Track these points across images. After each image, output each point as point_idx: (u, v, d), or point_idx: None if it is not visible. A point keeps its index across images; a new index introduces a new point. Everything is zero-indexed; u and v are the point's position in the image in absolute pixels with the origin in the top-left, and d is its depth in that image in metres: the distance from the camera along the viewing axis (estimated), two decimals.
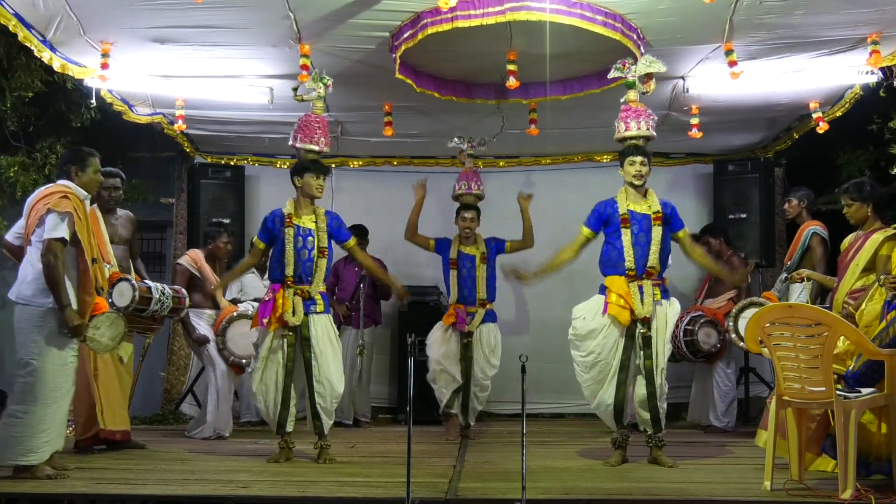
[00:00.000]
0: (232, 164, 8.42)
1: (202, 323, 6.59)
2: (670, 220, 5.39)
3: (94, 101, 6.35)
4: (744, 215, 7.86)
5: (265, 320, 5.40)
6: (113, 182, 5.90)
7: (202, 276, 6.63)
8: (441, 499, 4.30)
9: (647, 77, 5.36)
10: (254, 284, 7.34)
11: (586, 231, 5.46)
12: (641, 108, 5.38)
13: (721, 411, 7.02)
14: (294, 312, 5.39)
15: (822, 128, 6.72)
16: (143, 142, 8.18)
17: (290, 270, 5.42)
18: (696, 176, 8.46)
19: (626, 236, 5.28)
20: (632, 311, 5.21)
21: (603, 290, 5.35)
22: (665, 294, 5.33)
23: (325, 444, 5.52)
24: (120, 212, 6.06)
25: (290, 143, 5.60)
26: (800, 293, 6.22)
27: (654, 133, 5.41)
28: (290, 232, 5.44)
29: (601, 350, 5.30)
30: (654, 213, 5.30)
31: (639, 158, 5.28)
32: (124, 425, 5.86)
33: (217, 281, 6.65)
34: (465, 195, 6.85)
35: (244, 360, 6.46)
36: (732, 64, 5.56)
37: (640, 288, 5.23)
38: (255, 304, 6.78)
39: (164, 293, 5.85)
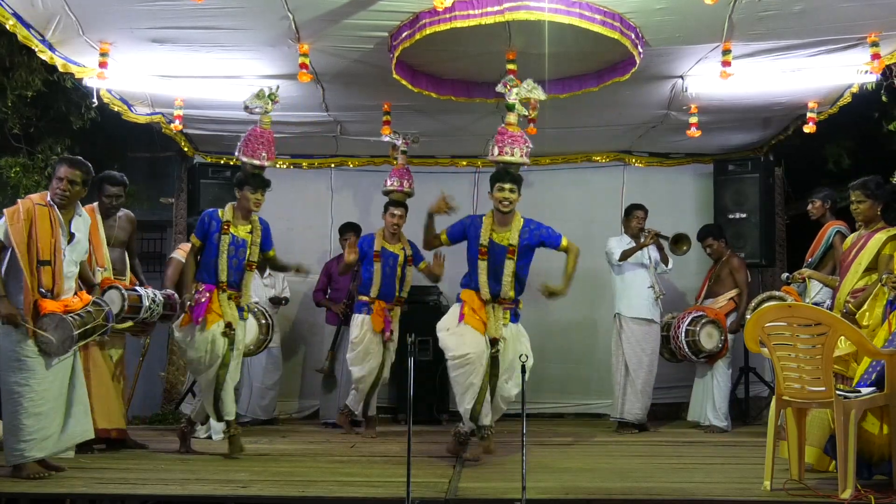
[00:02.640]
0: (232, 163, 8.40)
1: None
2: (539, 246, 5.44)
3: (95, 101, 6.35)
4: (744, 215, 7.85)
5: (200, 319, 5.50)
6: (116, 190, 6.00)
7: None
8: (441, 499, 4.30)
9: (532, 102, 5.39)
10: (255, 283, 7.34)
11: (444, 236, 5.61)
12: (518, 133, 5.41)
13: (722, 411, 7.01)
14: (232, 314, 5.58)
15: (810, 128, 6.72)
16: (143, 142, 8.19)
17: (223, 276, 5.56)
18: (696, 176, 8.46)
19: (482, 266, 5.38)
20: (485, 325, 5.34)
21: (458, 299, 5.47)
22: (514, 318, 5.45)
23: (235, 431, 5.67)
24: (120, 211, 6.08)
25: (235, 154, 5.76)
26: (818, 292, 6.21)
27: (528, 161, 5.47)
28: (225, 239, 5.57)
29: (472, 351, 5.32)
30: (509, 245, 5.35)
31: (508, 185, 5.30)
32: (119, 423, 5.88)
33: None
34: (397, 192, 6.89)
35: None
36: (726, 64, 5.55)
37: (493, 308, 5.36)
38: (253, 300, 6.80)
39: (154, 300, 5.91)
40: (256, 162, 5.69)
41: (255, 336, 6.48)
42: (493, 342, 5.34)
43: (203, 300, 5.53)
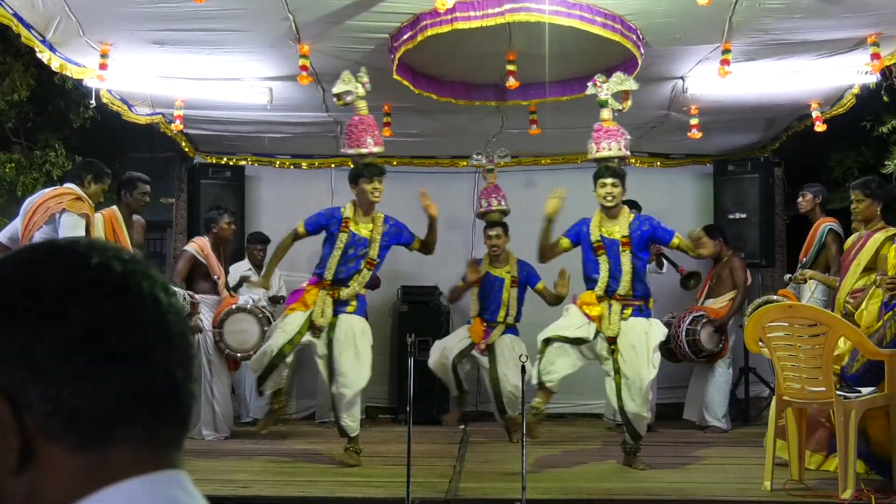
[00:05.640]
0: (232, 164, 8.42)
1: (205, 310, 6.58)
2: (653, 237, 5.38)
3: (93, 101, 6.34)
4: (744, 215, 7.85)
5: (287, 307, 5.49)
6: (148, 189, 6.08)
7: (207, 264, 6.64)
8: (441, 499, 4.31)
9: (624, 95, 5.34)
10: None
11: (565, 242, 5.54)
12: (614, 127, 5.36)
13: (722, 411, 7.02)
14: (323, 314, 5.39)
15: (820, 127, 6.72)
16: (143, 142, 8.18)
17: (329, 274, 5.42)
18: (696, 176, 8.46)
19: (602, 260, 5.31)
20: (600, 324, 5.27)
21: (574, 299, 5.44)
22: (638, 312, 5.32)
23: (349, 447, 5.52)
24: (133, 217, 6.12)
25: (342, 150, 5.58)
26: (813, 292, 6.21)
27: (628, 153, 5.40)
28: (343, 237, 5.42)
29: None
30: (622, 237, 5.29)
31: (610, 180, 5.25)
32: None
33: (221, 270, 6.67)
34: (489, 213, 6.81)
35: (239, 354, 6.48)
36: (725, 63, 5.55)
37: (610, 307, 5.26)
38: (255, 298, 6.81)
39: (185, 298, 5.98)
40: (364, 150, 5.42)
41: (257, 340, 6.48)
42: (611, 341, 5.22)
43: (300, 289, 5.50)
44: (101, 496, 0.74)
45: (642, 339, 5.21)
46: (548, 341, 5.28)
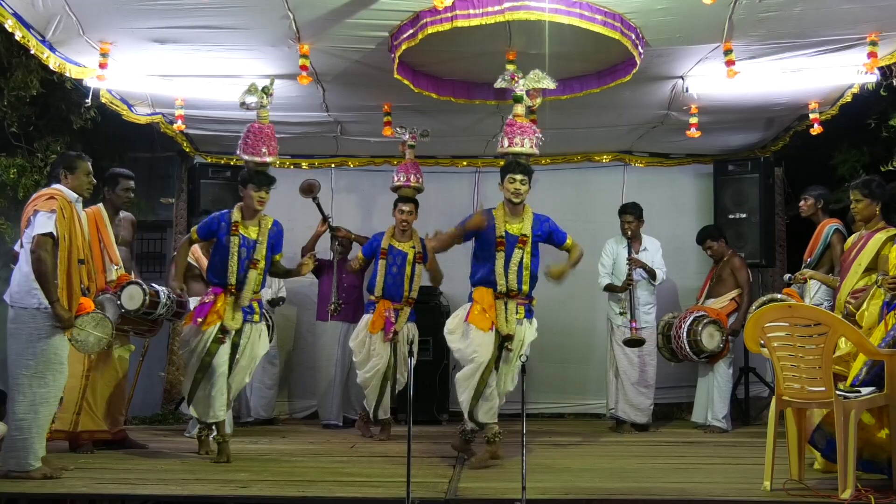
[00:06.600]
0: (232, 164, 8.40)
1: None
2: (550, 238, 5.45)
3: (89, 101, 6.34)
4: (744, 215, 7.84)
5: (199, 320, 5.45)
6: (131, 184, 6.04)
7: (199, 266, 6.66)
8: (441, 499, 4.31)
9: (536, 92, 5.35)
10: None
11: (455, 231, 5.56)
12: (527, 124, 5.39)
13: (722, 412, 7.01)
14: (233, 318, 5.45)
15: (816, 130, 6.71)
16: (143, 142, 8.18)
17: (233, 279, 5.47)
18: (696, 176, 8.45)
19: (500, 258, 5.32)
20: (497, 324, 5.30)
21: (469, 298, 5.43)
22: (529, 314, 5.40)
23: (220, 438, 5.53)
24: (121, 213, 6.10)
25: (237, 153, 5.67)
26: (816, 291, 6.20)
27: (538, 151, 5.45)
28: (234, 241, 5.48)
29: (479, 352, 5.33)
30: (521, 235, 5.34)
31: (519, 176, 5.28)
32: (115, 425, 5.89)
33: None
34: (405, 188, 6.79)
35: None
36: (730, 63, 5.55)
37: (506, 303, 5.29)
38: None
39: (169, 297, 5.94)
40: (258, 159, 5.58)
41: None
42: (506, 338, 5.28)
43: (208, 301, 5.51)
44: None
45: (517, 349, 5.34)
46: (477, 393, 5.28)
